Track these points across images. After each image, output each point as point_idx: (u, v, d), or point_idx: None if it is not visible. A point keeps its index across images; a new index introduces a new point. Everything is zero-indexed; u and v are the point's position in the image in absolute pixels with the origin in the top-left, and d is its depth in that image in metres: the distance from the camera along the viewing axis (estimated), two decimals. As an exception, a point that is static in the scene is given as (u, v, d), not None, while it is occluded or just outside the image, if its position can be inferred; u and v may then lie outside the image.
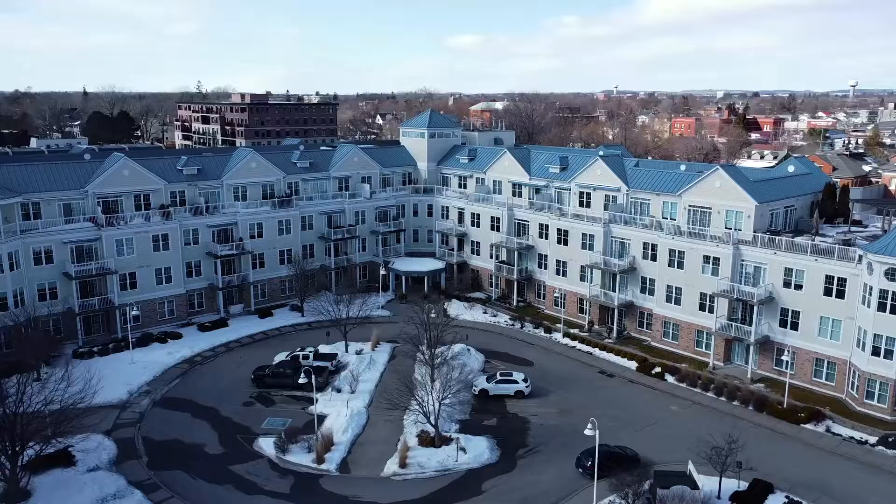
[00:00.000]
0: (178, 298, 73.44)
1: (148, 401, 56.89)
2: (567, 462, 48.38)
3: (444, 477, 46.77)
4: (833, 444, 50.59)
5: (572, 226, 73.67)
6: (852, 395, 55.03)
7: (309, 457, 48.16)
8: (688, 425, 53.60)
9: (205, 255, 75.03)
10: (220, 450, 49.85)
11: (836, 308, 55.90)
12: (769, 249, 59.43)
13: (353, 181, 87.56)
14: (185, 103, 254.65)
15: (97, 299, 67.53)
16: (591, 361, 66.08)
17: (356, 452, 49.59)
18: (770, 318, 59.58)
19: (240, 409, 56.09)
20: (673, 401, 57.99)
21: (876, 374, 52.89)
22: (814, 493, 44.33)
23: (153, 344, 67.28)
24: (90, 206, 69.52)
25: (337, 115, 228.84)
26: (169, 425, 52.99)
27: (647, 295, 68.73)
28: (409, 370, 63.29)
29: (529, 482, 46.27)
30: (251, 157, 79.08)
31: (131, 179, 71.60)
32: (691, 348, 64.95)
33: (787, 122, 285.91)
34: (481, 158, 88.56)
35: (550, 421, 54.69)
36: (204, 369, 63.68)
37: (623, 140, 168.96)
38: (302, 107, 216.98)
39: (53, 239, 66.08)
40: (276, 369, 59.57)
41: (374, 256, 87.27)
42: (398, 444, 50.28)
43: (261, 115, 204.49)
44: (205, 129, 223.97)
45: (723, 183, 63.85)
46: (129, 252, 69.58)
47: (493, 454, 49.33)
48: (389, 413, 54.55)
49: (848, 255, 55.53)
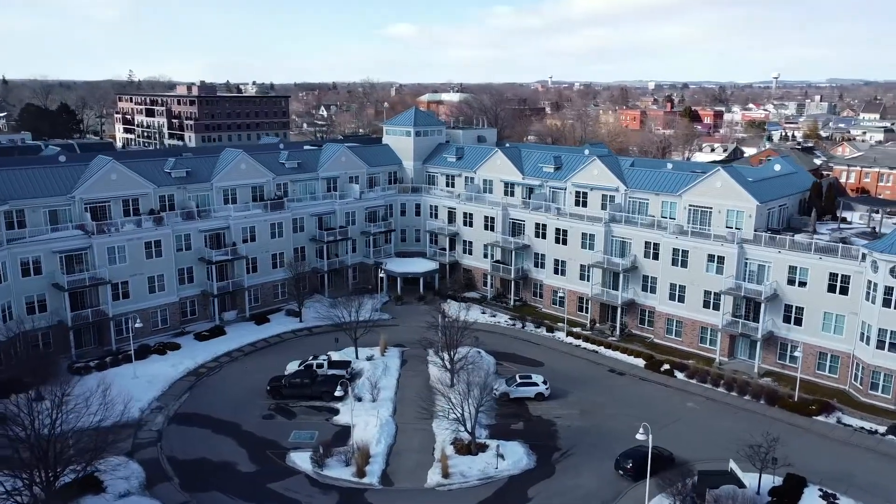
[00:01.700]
0: (172, 307, 70.70)
1: (162, 417, 54.67)
2: (603, 464, 49.12)
3: (487, 485, 46.79)
4: (846, 435, 53.07)
5: (571, 225, 74.47)
6: (856, 386, 57.80)
7: (348, 471, 47.33)
8: (707, 422, 55.24)
9: (197, 260, 72.39)
10: (253, 467, 48.42)
11: (839, 304, 58.51)
12: (774, 248, 61.62)
13: (340, 181, 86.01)
14: (125, 94, 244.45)
15: (90, 311, 64.26)
16: (598, 360, 67.16)
17: (393, 463, 49.01)
18: (774, 315, 61.86)
19: (261, 422, 54.55)
20: (687, 397, 59.57)
21: (881, 367, 55.69)
22: (841, 484, 46.40)
23: (152, 356, 64.61)
24: (77, 212, 65.99)
25: (289, 108, 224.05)
26: (191, 443, 51.09)
27: (648, 293, 70.24)
28: (424, 375, 63.13)
29: (571, 486, 46.78)
30: (241, 158, 76.60)
31: (119, 184, 68.30)
32: (695, 344, 66.83)
33: (725, 115, 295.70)
34: (470, 157, 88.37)
35: (575, 422, 55.37)
36: (212, 381, 61.61)
37: (583, 134, 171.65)
38: (253, 99, 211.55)
39: (42, 248, 62.48)
40: (292, 379, 58.17)
41: (364, 258, 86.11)
42: (433, 452, 50.09)
43: (210, 107, 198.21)
44: (149, 122, 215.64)
45: (724, 183, 65.72)
46: (121, 260, 66.45)
47: (530, 459, 49.63)
48: (417, 421, 54.28)
49: (851, 253, 58.11)
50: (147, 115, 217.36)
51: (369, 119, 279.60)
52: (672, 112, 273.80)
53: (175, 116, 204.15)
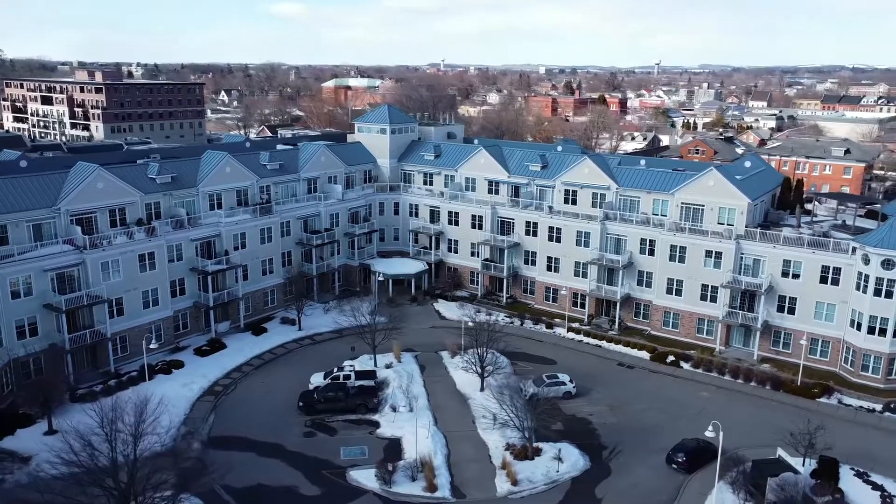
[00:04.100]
0: (165, 321, 66.71)
1: (197, 443, 51.87)
2: (652, 459, 51.43)
3: (554, 489, 47.94)
4: (850, 415, 58.21)
5: (566, 224, 76.40)
6: (847, 368, 63.39)
7: (418, 485, 47.05)
8: (726, 411, 58.59)
9: (188, 271, 68.58)
10: (316, 489, 47.14)
11: (830, 294, 63.77)
12: (769, 244, 66.14)
13: (320, 182, 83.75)
14: (12, 79, 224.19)
15: (88, 332, 59.58)
16: (604, 354, 69.68)
17: (457, 474, 49.15)
18: (769, 305, 66.53)
19: (304, 440, 53.00)
20: (699, 387, 63.10)
21: (871, 350, 61.39)
22: (865, 461, 50.92)
23: (157, 376, 60.89)
24: (63, 225, 60.82)
25: (204, 96, 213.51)
26: (241, 469, 48.85)
27: (644, 287, 73.43)
28: (448, 380, 63.29)
29: (632, 484, 48.75)
30: (225, 161, 72.96)
31: (106, 192, 63.44)
32: (692, 335, 70.70)
33: (629, 102, 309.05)
34: (450, 155, 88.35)
35: (609, 419, 57.44)
36: (232, 400, 58.98)
37: (515, 122, 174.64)
38: (166, 87, 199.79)
39: (32, 267, 57.15)
40: (326, 393, 56.74)
41: (348, 259, 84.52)
42: (491, 460, 50.64)
43: (119, 95, 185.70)
44: (46, 110, 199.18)
45: (717, 182, 69.59)
46: (115, 275, 61.89)
47: (585, 460, 51.19)
48: (460, 429, 54.64)
49: (841, 247, 63.37)
50: (43, 102, 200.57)
51: (281, 106, 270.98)
52: (583, 100, 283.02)
53: (78, 105, 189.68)
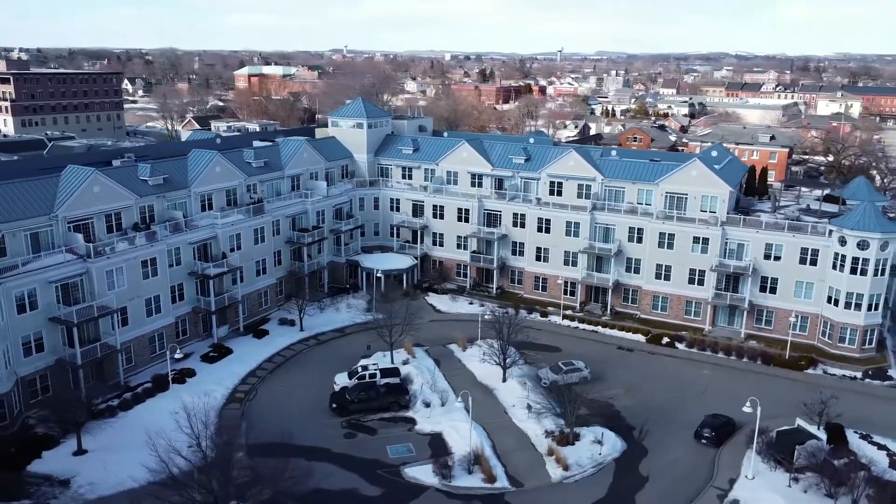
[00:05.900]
0: (167, 329, 64.23)
1: (241, 452, 50.65)
2: (680, 435, 54.79)
3: (602, 472, 50.32)
4: (836, 383, 63.83)
5: (555, 215, 78.85)
6: (825, 341, 69.28)
7: (476, 478, 48.21)
8: (729, 386, 62.93)
9: (187, 275, 66.18)
10: (376, 490, 47.42)
11: (809, 273, 69.40)
12: (752, 229, 71.06)
13: (303, 179, 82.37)
14: None
15: (98, 345, 56.62)
16: (602, 339, 72.82)
17: (508, 465, 50.58)
18: (753, 285, 71.58)
19: (347, 442, 52.96)
20: (699, 366, 67.26)
21: (847, 323, 67.43)
22: (864, 425, 56.32)
23: (173, 386, 58.76)
24: (61, 232, 57.34)
25: (122, 87, 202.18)
26: (293, 475, 48.13)
27: (632, 273, 77.06)
28: (466, 373, 64.48)
29: (671, 461, 51.80)
30: (215, 160, 70.52)
31: (102, 197, 60.21)
32: (681, 317, 75.01)
33: (548, 89, 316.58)
34: (429, 149, 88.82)
35: (627, 401, 60.37)
36: (258, 406, 57.82)
37: (454, 113, 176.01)
38: (80, 77, 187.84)
39: (37, 279, 53.70)
40: (358, 394, 56.69)
41: (335, 256, 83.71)
42: (535, 448, 52.44)
43: (30, 86, 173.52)
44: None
45: (699, 172, 73.85)
46: (119, 284, 58.98)
47: (621, 442, 53.85)
48: (495, 420, 56.11)
49: (818, 230, 69.01)
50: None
51: (196, 97, 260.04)
52: (507, 89, 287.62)
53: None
